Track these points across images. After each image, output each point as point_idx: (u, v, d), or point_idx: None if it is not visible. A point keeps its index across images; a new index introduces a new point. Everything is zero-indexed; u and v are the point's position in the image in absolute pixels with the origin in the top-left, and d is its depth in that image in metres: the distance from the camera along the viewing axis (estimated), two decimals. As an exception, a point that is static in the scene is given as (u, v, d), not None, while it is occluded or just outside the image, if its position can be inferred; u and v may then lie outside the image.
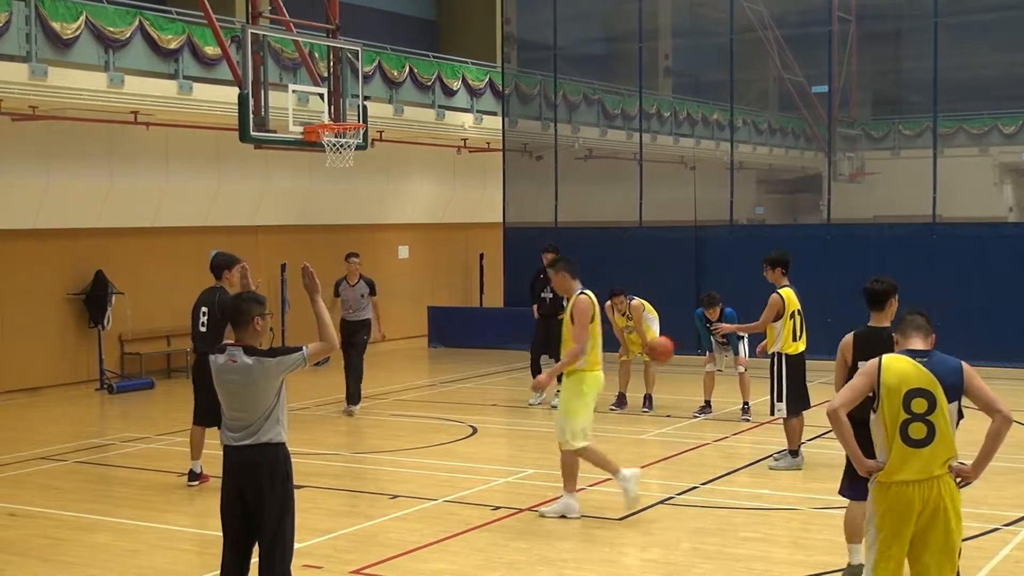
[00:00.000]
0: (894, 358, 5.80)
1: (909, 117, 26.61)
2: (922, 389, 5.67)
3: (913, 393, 5.67)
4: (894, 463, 5.70)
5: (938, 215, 18.46)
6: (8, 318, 17.00)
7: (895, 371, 5.73)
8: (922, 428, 5.67)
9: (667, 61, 26.02)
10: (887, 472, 5.73)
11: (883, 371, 5.74)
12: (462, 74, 23.13)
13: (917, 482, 5.67)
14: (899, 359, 5.79)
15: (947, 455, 5.73)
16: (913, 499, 5.68)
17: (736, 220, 20.80)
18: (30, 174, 16.77)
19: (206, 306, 10.67)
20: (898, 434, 5.68)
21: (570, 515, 9.45)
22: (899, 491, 5.69)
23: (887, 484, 5.73)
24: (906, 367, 5.73)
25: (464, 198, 24.87)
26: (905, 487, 5.68)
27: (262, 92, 14.50)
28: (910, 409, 5.67)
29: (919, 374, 5.70)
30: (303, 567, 7.82)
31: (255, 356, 6.21)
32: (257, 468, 6.22)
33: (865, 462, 5.85)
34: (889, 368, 5.75)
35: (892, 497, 5.71)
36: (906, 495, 5.68)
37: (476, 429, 13.85)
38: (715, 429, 13.54)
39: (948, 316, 18.33)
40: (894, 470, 5.70)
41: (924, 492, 5.67)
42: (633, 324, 14.51)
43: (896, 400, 5.68)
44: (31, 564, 8.39)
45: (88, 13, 16.00)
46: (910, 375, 5.70)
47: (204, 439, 10.78)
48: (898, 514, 5.69)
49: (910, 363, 5.74)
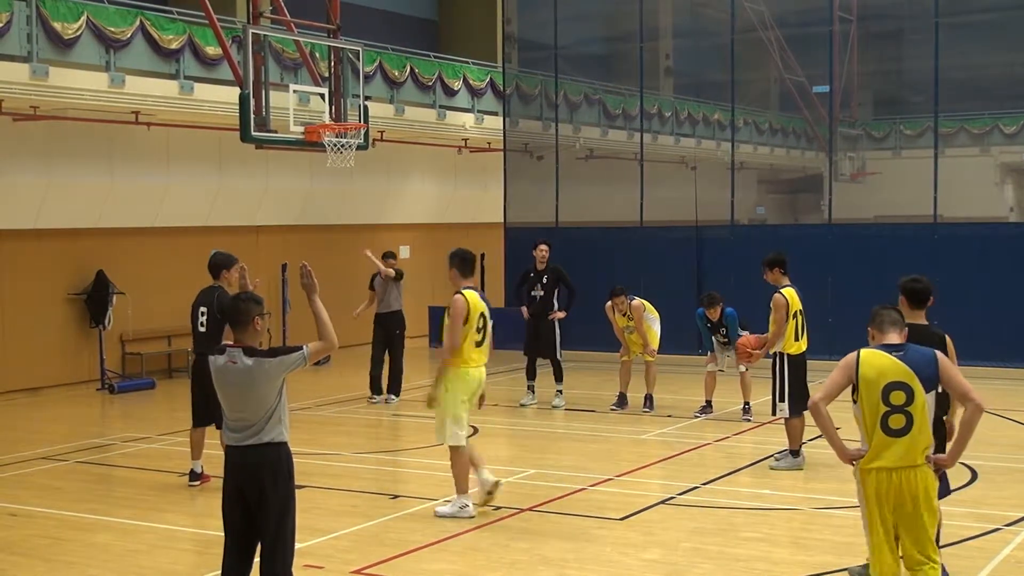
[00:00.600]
0: (871, 353, 6.11)
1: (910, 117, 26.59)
2: (900, 382, 5.99)
3: (891, 386, 5.99)
4: (874, 451, 6.02)
5: (939, 215, 18.44)
6: (9, 318, 17.01)
7: (873, 366, 6.04)
8: (901, 419, 5.99)
9: (668, 61, 26.02)
10: (868, 459, 6.04)
11: (861, 365, 6.06)
12: (463, 74, 23.14)
13: (897, 469, 5.98)
14: (876, 354, 6.09)
15: (926, 443, 6.05)
16: (893, 486, 5.99)
17: (737, 220, 20.79)
18: (31, 174, 16.77)
19: (205, 306, 10.65)
20: (878, 425, 6.00)
21: (462, 515, 9.38)
22: (880, 477, 6.01)
23: (868, 470, 6.04)
24: (884, 362, 6.04)
25: (465, 198, 24.87)
26: (886, 474, 5.99)
27: (263, 92, 14.50)
28: (889, 401, 5.99)
29: (896, 368, 6.02)
30: (304, 567, 7.82)
31: (255, 357, 6.20)
32: (259, 468, 6.21)
33: (845, 451, 6.17)
34: (867, 363, 6.06)
35: (874, 483, 6.03)
36: (887, 481, 5.99)
37: (477, 429, 13.84)
38: (716, 429, 13.53)
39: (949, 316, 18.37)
40: (874, 457, 6.02)
41: (904, 479, 5.99)
42: (634, 324, 14.50)
43: (875, 393, 6.00)
44: (32, 564, 8.40)
45: (89, 13, 16.00)
46: (887, 369, 6.02)
47: (204, 439, 10.79)
48: (881, 499, 6.02)
49: (887, 358, 6.05)
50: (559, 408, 15.17)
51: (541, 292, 15.27)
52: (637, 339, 14.62)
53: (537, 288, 15.32)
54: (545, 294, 15.26)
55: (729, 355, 14.27)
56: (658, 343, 14.67)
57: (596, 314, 15.02)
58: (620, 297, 14.51)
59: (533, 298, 15.38)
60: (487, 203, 24.37)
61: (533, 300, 15.37)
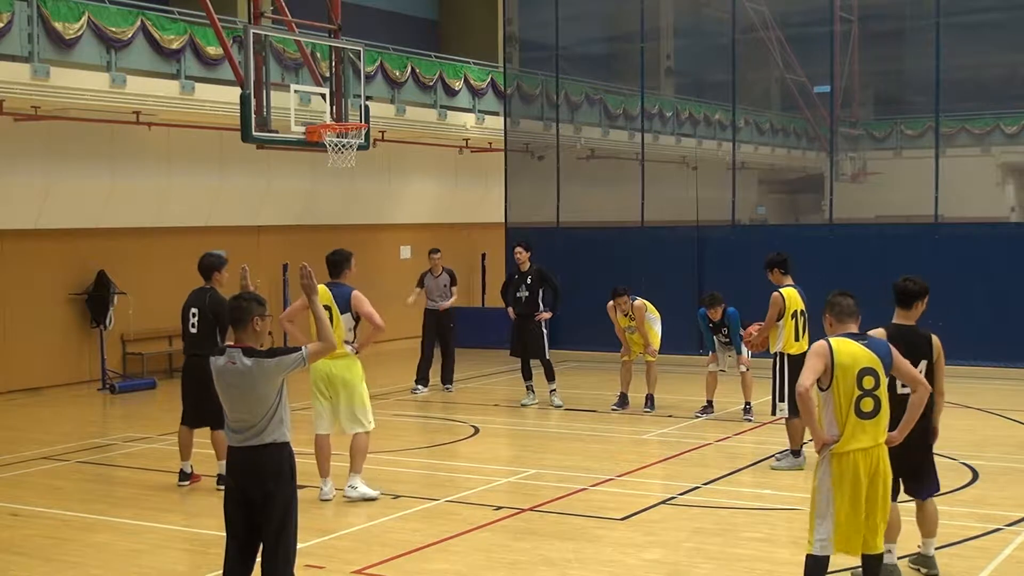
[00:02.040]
0: (841, 341, 6.53)
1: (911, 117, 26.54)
2: (870, 368, 6.47)
3: (864, 371, 6.46)
4: (848, 435, 6.43)
5: (940, 215, 18.44)
6: (10, 318, 17.02)
7: (847, 352, 6.48)
8: (870, 402, 6.46)
9: (669, 61, 26.00)
10: (841, 444, 6.43)
11: (836, 353, 6.46)
12: (464, 74, 23.14)
13: (864, 450, 6.44)
14: (846, 342, 6.53)
15: (887, 424, 6.55)
16: (862, 465, 6.43)
17: (738, 220, 20.78)
18: (32, 174, 16.78)
19: (196, 307, 10.63)
20: (852, 408, 6.43)
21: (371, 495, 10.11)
22: (852, 459, 6.42)
23: (841, 454, 6.43)
24: (854, 349, 6.50)
25: (466, 198, 24.87)
26: (857, 455, 6.42)
27: (264, 92, 14.52)
28: (862, 386, 6.45)
29: (865, 354, 6.49)
30: (305, 567, 7.82)
31: (254, 358, 6.21)
32: (261, 469, 6.22)
33: (822, 437, 6.51)
34: (841, 350, 6.48)
35: (846, 465, 6.42)
36: (858, 462, 6.42)
37: (478, 429, 13.86)
38: (717, 429, 13.54)
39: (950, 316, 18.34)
40: (848, 441, 6.42)
41: (870, 458, 6.46)
42: (635, 324, 14.50)
43: (851, 378, 6.44)
44: (33, 564, 8.40)
45: (90, 13, 16.00)
46: (859, 355, 6.48)
47: (192, 439, 10.78)
48: (853, 479, 6.42)
49: (856, 345, 6.52)
50: (559, 408, 15.17)
51: (526, 293, 15.30)
52: (638, 339, 14.62)
53: (522, 289, 15.35)
54: (530, 295, 15.29)
55: (730, 355, 14.27)
56: (659, 343, 14.67)
57: (597, 314, 15.03)
58: (623, 297, 14.52)
59: (519, 299, 15.40)
60: (488, 203, 24.37)
61: (519, 301, 15.40)
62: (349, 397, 10.06)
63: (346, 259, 10.23)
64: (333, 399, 10.11)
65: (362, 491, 10.14)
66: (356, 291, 10.11)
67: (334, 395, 10.08)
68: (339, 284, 10.14)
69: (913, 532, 7.79)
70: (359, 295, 10.08)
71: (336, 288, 10.07)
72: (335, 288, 10.06)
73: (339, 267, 10.22)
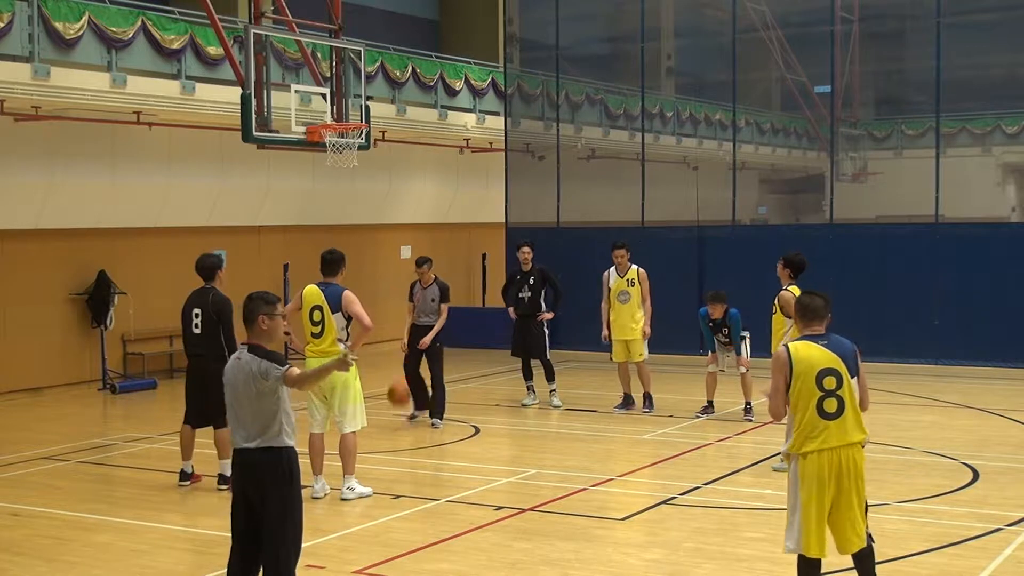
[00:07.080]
0: (801, 345, 6.60)
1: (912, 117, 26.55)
2: (830, 368, 6.51)
3: (823, 372, 6.50)
4: (815, 434, 6.46)
5: (941, 215, 18.43)
6: (11, 318, 17.01)
7: (804, 357, 6.54)
8: (834, 402, 6.50)
9: (670, 61, 26.01)
10: (804, 444, 6.48)
11: (793, 360, 6.53)
12: (464, 74, 23.14)
13: (831, 450, 6.46)
14: (805, 345, 6.59)
15: (858, 421, 6.55)
16: (834, 465, 6.44)
17: (739, 220, 20.77)
18: (33, 174, 16.78)
19: (199, 307, 10.64)
20: (814, 409, 6.48)
21: (366, 493, 10.23)
22: (816, 459, 6.46)
23: (805, 455, 6.49)
24: (812, 351, 6.55)
25: (466, 198, 24.87)
26: (828, 453, 6.45)
27: (264, 92, 14.51)
28: (823, 386, 6.50)
29: (824, 355, 6.54)
30: (306, 567, 7.81)
31: (253, 356, 6.35)
32: (261, 470, 6.28)
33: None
34: (799, 355, 6.54)
35: (810, 465, 6.47)
36: (823, 462, 6.45)
37: (479, 429, 13.85)
38: (717, 429, 13.54)
39: (950, 316, 18.39)
40: (815, 439, 6.46)
41: (839, 458, 6.46)
42: (633, 291, 14.41)
43: (810, 380, 6.50)
44: (34, 564, 8.40)
45: (91, 13, 16.00)
46: (817, 357, 6.53)
47: (194, 439, 10.77)
48: (818, 480, 6.45)
49: (815, 347, 6.57)
50: (559, 408, 15.17)
51: (528, 293, 15.27)
52: (627, 314, 14.47)
53: (524, 289, 15.31)
54: (532, 295, 15.27)
55: (729, 355, 14.26)
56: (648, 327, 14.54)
57: (597, 314, 15.01)
58: (621, 250, 14.46)
59: (520, 300, 15.34)
60: (488, 203, 24.37)
61: (520, 302, 15.34)
62: (344, 395, 10.16)
63: (341, 259, 10.45)
64: (328, 398, 10.20)
65: (359, 491, 10.22)
66: (347, 291, 10.26)
67: (329, 394, 10.17)
68: (331, 284, 10.32)
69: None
70: (350, 295, 10.23)
71: (328, 288, 10.28)
72: (327, 288, 10.27)
73: (335, 266, 10.40)
